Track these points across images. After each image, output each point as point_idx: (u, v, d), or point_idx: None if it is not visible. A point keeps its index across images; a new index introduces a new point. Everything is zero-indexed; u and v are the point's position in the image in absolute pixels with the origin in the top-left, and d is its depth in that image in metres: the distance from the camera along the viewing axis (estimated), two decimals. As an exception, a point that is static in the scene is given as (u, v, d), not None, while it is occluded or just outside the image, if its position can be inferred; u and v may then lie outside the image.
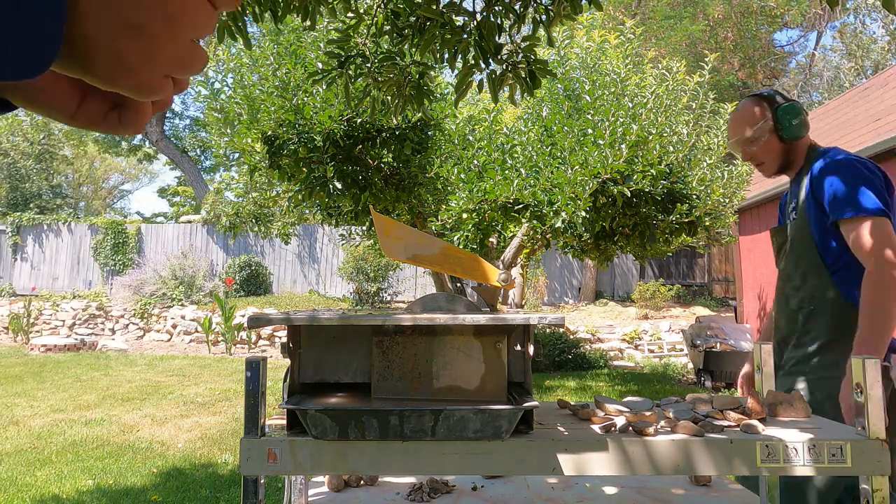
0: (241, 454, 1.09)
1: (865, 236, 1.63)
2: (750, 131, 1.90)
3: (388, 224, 1.44)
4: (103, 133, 0.42)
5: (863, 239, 1.63)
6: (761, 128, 1.89)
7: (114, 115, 0.39)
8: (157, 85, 0.36)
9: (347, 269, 13.63)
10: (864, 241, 1.63)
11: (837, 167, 1.74)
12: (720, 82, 16.74)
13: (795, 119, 1.87)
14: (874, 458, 1.08)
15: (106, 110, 0.39)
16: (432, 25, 2.21)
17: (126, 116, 0.39)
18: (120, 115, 0.39)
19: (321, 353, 1.26)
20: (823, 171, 1.77)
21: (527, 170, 5.45)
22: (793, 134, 1.87)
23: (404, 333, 1.21)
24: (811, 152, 1.90)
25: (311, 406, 1.12)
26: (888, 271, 1.58)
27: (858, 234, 1.65)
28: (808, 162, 1.88)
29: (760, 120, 1.90)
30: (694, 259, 15.33)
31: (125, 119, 0.39)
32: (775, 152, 1.91)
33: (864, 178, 1.70)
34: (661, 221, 5.89)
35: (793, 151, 1.91)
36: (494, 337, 1.20)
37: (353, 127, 4.90)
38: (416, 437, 1.10)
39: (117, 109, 0.39)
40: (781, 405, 1.31)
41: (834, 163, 1.76)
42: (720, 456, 1.09)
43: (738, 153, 1.97)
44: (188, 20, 0.35)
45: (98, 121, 0.39)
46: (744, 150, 1.93)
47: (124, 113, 0.39)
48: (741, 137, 1.92)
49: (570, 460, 1.10)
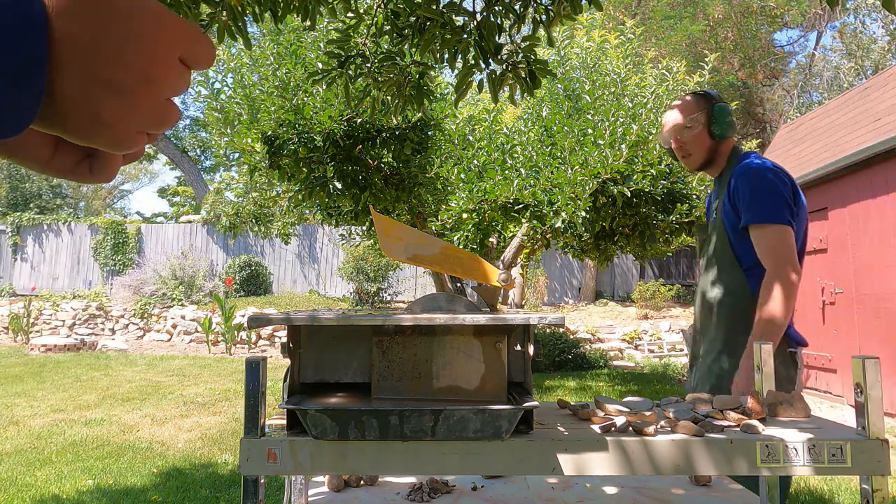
0: (241, 454, 1.09)
1: (768, 243, 1.81)
2: (685, 120, 1.99)
3: (388, 224, 1.44)
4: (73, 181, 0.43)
5: (765, 245, 1.81)
6: (696, 119, 1.98)
7: (84, 164, 0.40)
8: (131, 140, 0.38)
9: (347, 269, 13.63)
10: (767, 248, 1.81)
11: (752, 174, 1.87)
12: (720, 82, 16.74)
13: (728, 118, 1.98)
14: (874, 458, 1.08)
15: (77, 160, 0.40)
16: (432, 25, 2.21)
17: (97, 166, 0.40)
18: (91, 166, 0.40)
19: (321, 353, 1.26)
20: (740, 176, 1.89)
21: (527, 170, 5.45)
22: (723, 132, 1.97)
23: (404, 333, 1.21)
24: (733, 155, 2.01)
25: (311, 406, 1.12)
26: (783, 277, 1.76)
27: (763, 240, 1.82)
28: (730, 164, 2.00)
29: (696, 112, 1.99)
30: (694, 259, 15.32)
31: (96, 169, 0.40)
32: (704, 147, 2.00)
33: (773, 187, 1.85)
34: (661, 221, 5.89)
35: (718, 150, 2.02)
36: (494, 337, 1.20)
37: (353, 127, 4.90)
38: (416, 437, 1.10)
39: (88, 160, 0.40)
40: (781, 405, 1.31)
41: (750, 170, 1.88)
42: (720, 456, 1.09)
43: (667, 143, 2.06)
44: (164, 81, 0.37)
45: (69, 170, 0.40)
46: (675, 138, 2.01)
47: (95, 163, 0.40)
48: (677, 124, 2.00)
49: (570, 460, 1.10)
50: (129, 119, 0.36)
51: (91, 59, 0.34)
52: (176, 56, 0.37)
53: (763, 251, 1.82)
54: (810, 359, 7.50)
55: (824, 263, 7.24)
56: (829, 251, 7.13)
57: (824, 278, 7.22)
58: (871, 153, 6.26)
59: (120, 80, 0.35)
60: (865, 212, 6.50)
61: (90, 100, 0.34)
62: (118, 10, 0.34)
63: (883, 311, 6.21)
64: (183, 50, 0.38)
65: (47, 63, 0.32)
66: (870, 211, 6.43)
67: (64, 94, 0.34)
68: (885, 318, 6.19)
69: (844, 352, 6.82)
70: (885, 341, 6.17)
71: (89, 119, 0.35)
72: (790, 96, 20.23)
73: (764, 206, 1.83)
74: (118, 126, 0.36)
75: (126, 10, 0.35)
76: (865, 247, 6.49)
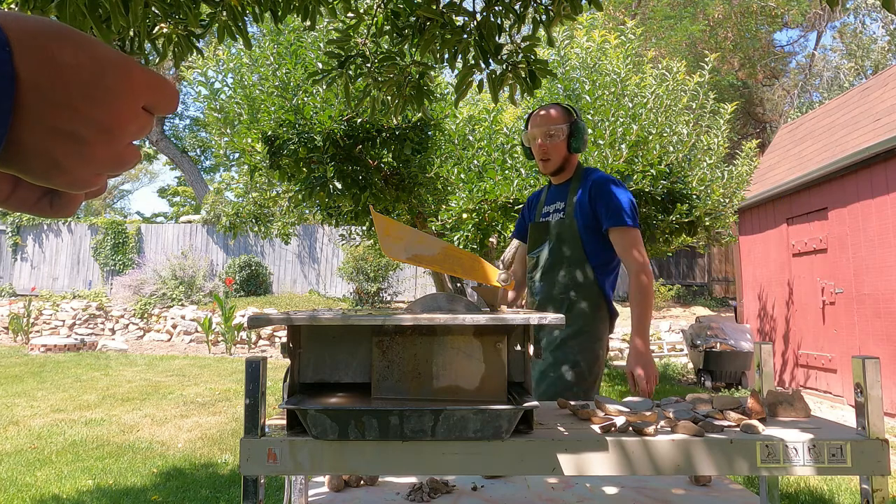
0: (241, 454, 1.09)
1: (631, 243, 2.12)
2: (552, 128, 2.21)
3: (388, 224, 1.44)
4: (34, 215, 0.44)
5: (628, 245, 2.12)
6: (562, 129, 2.22)
7: (45, 200, 0.41)
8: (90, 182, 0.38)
9: (347, 269, 13.62)
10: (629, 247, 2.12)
11: (613, 184, 2.17)
12: (720, 82, 16.74)
13: (584, 135, 2.26)
14: (874, 458, 1.08)
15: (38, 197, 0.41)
16: (432, 25, 2.21)
17: (57, 202, 0.41)
18: (52, 201, 0.41)
19: (321, 353, 1.26)
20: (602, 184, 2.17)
21: (527, 170, 5.45)
22: (579, 146, 2.24)
23: (404, 333, 1.21)
24: (579, 167, 2.31)
25: (311, 406, 1.12)
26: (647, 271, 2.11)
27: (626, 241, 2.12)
28: (578, 174, 2.28)
29: (563, 123, 2.23)
30: (694, 259, 15.33)
31: (57, 205, 0.41)
32: (561, 155, 2.24)
33: (629, 196, 2.18)
34: (661, 221, 5.89)
35: (570, 160, 2.28)
36: (494, 337, 1.20)
37: (353, 127, 4.90)
38: (416, 437, 1.10)
39: (49, 196, 0.41)
40: (781, 405, 1.31)
41: (609, 180, 2.19)
42: (720, 456, 1.09)
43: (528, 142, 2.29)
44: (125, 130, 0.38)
45: (31, 205, 0.41)
46: (542, 141, 2.22)
47: (56, 199, 0.41)
48: (547, 128, 2.21)
49: (570, 460, 1.10)
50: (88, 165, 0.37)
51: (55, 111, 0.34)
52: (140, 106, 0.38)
53: (625, 250, 2.12)
54: (810, 359, 7.50)
55: (824, 263, 7.24)
56: (829, 251, 7.13)
57: (824, 278, 7.22)
58: (871, 153, 6.26)
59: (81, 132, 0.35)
60: (865, 212, 6.50)
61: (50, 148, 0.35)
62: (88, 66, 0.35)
63: (883, 311, 6.21)
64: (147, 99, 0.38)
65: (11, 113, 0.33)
66: (870, 211, 6.43)
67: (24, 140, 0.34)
68: (885, 318, 6.18)
69: (844, 352, 6.81)
70: (885, 341, 6.17)
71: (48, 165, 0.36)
72: (790, 96, 20.23)
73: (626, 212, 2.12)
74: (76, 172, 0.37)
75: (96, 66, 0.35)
76: (865, 247, 6.49)
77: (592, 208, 2.16)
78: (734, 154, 7.45)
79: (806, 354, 7.61)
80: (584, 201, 2.18)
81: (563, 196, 2.27)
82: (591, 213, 2.16)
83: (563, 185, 2.30)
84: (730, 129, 6.81)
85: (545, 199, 2.39)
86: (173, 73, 19.24)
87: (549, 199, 2.35)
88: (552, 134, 2.21)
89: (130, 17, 1.75)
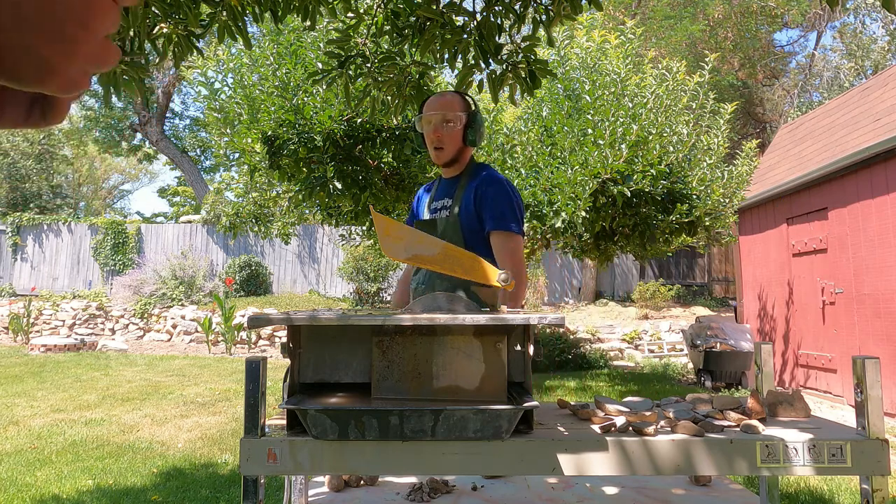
0: (241, 454, 1.09)
1: (511, 249, 1.98)
2: (452, 116, 2.06)
3: (388, 224, 1.44)
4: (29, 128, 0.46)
5: (508, 251, 1.97)
6: (460, 117, 2.07)
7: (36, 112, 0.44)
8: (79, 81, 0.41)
9: (347, 269, 13.63)
10: (509, 253, 1.97)
11: (502, 186, 2.03)
12: (720, 82, 16.74)
13: (481, 129, 2.11)
14: (874, 458, 1.08)
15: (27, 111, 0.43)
16: (432, 25, 2.21)
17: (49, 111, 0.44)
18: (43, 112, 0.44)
19: (321, 353, 1.26)
20: (490, 185, 2.03)
21: (527, 170, 5.45)
22: (474, 139, 2.08)
23: (404, 333, 1.21)
24: (472, 162, 2.15)
25: (311, 406, 1.12)
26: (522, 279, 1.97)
27: (507, 246, 1.98)
28: (469, 169, 2.13)
29: (462, 112, 2.08)
30: (694, 259, 15.33)
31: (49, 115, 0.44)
32: (456, 146, 2.09)
33: (517, 200, 2.05)
34: (661, 221, 5.89)
35: (463, 154, 2.13)
36: (494, 337, 1.20)
37: (353, 127, 4.90)
38: (416, 437, 1.10)
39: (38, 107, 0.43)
40: (781, 405, 1.31)
41: (498, 181, 2.05)
42: (720, 456, 1.09)
43: (428, 125, 2.09)
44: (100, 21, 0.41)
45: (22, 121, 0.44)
46: (438, 128, 2.06)
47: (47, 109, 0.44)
48: (444, 114, 2.06)
49: (570, 460, 1.10)
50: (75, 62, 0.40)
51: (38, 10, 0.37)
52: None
53: (505, 255, 1.96)
54: (810, 359, 7.50)
55: (824, 263, 7.24)
56: (829, 251, 7.13)
57: (824, 278, 7.22)
58: (871, 153, 6.26)
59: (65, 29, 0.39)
60: (865, 212, 6.50)
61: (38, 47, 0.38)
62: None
63: (883, 311, 6.21)
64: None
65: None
66: (870, 211, 6.43)
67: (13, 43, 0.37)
68: (885, 318, 6.19)
69: (844, 352, 6.81)
70: (885, 341, 6.17)
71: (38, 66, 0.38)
72: (790, 96, 20.23)
73: (510, 216, 2.00)
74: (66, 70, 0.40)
75: None
76: (865, 247, 6.49)
77: (477, 208, 2.02)
78: (734, 154, 7.45)
79: (806, 354, 7.61)
80: (470, 200, 2.03)
81: (452, 192, 2.12)
82: (475, 213, 2.02)
83: (453, 180, 2.15)
84: (730, 129, 6.81)
85: (435, 193, 2.22)
86: (173, 73, 19.24)
87: (439, 194, 2.19)
88: (449, 120, 2.06)
89: (130, 17, 1.75)
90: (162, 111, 19.93)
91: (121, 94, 2.11)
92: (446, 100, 2.10)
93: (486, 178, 2.06)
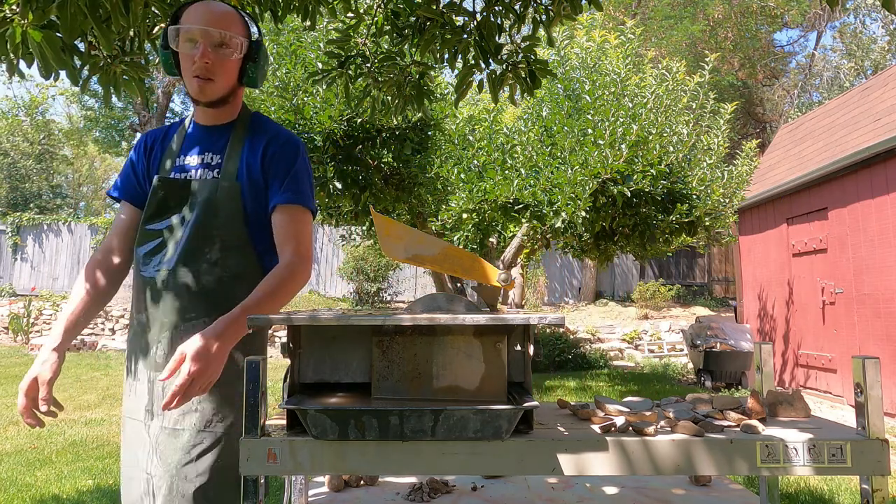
0: (241, 454, 1.09)
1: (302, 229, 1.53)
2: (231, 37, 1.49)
3: (388, 224, 1.44)
4: None
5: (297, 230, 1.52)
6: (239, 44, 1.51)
7: None
8: None
9: (347, 269, 13.62)
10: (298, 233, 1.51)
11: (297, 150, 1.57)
12: (720, 82, 16.74)
13: (265, 68, 1.61)
14: (874, 458, 1.08)
15: None
16: (432, 25, 2.21)
17: None
18: None
19: (321, 353, 1.26)
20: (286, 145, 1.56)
21: (527, 170, 5.45)
22: (255, 78, 1.56)
23: (404, 333, 1.21)
24: (245, 110, 1.62)
25: (311, 406, 1.12)
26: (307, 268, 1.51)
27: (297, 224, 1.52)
28: (246, 119, 1.60)
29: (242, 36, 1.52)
30: (694, 259, 15.33)
31: None
32: (229, 81, 1.53)
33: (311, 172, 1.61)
34: (661, 221, 5.89)
35: (237, 96, 1.59)
36: (494, 337, 1.20)
37: (353, 127, 4.90)
38: (416, 437, 1.10)
39: None
40: (781, 405, 1.31)
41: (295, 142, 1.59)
42: (720, 456, 1.09)
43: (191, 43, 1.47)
44: None
45: None
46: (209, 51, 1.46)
47: None
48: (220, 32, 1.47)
49: (570, 460, 1.10)
50: None
51: None
52: None
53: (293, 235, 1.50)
54: (810, 359, 7.51)
55: (824, 263, 7.24)
56: (829, 251, 7.13)
57: (824, 278, 7.22)
58: (871, 153, 6.26)
59: None
60: (865, 212, 6.50)
61: None
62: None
63: (883, 311, 6.21)
64: None
65: None
66: (870, 211, 6.43)
67: None
68: (885, 318, 6.19)
69: (844, 352, 6.81)
70: (885, 341, 6.17)
71: None
72: (790, 96, 20.23)
73: (309, 191, 1.57)
74: None
75: None
76: (865, 247, 6.49)
77: (266, 173, 1.53)
78: (734, 154, 7.45)
79: (806, 354, 7.61)
80: (256, 163, 1.53)
81: (220, 145, 1.56)
82: (262, 179, 1.53)
83: (219, 130, 1.58)
84: (730, 129, 6.81)
85: (182, 143, 1.60)
86: (173, 73, 19.24)
87: (191, 144, 1.59)
88: (226, 44, 1.49)
89: (130, 17, 1.75)
90: (162, 111, 19.92)
91: (121, 94, 2.11)
92: (221, 13, 1.49)
93: (280, 136, 1.57)
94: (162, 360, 1.45)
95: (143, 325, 1.50)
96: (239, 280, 1.50)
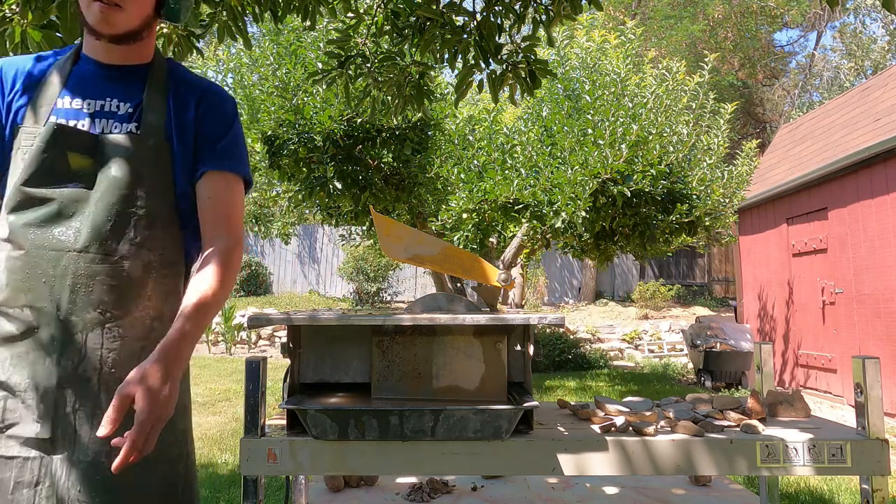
0: (241, 454, 1.09)
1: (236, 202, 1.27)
2: None
3: (388, 224, 1.44)
4: None
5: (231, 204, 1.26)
6: None
7: None
8: None
9: (347, 269, 13.63)
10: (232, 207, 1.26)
11: (233, 106, 1.33)
12: (720, 82, 16.74)
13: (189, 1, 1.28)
14: (874, 458, 1.08)
15: None
16: (432, 25, 2.21)
17: None
18: None
19: (321, 353, 1.26)
20: (223, 103, 1.30)
21: (527, 170, 5.45)
22: (177, 10, 1.25)
23: (404, 333, 1.21)
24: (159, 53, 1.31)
25: (311, 406, 1.12)
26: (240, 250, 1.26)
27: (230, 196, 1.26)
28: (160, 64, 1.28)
29: None
30: (694, 259, 15.33)
31: None
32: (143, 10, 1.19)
33: (243, 135, 1.36)
34: (661, 221, 5.89)
35: (151, 31, 1.25)
36: (494, 337, 1.20)
37: (353, 127, 4.90)
38: (416, 437, 1.10)
39: None
40: (781, 405, 1.31)
41: (229, 98, 1.33)
42: (720, 456, 1.09)
43: None
44: None
45: None
46: None
47: None
48: None
49: (570, 460, 1.10)
50: None
51: None
52: None
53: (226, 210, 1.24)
54: (810, 359, 7.51)
55: (824, 263, 7.24)
56: (829, 251, 7.13)
57: (824, 278, 7.22)
58: (871, 153, 6.26)
59: None
60: (865, 212, 6.50)
61: None
62: None
63: (883, 311, 6.21)
64: None
65: None
66: (870, 211, 6.44)
67: None
68: (885, 318, 6.19)
69: (844, 352, 6.81)
70: (885, 341, 6.17)
71: None
72: (790, 96, 20.24)
73: (242, 153, 1.31)
74: None
75: None
76: (865, 247, 6.49)
77: (198, 132, 1.25)
78: (734, 154, 7.45)
79: (806, 354, 7.61)
80: (189, 119, 1.24)
81: (133, 92, 1.22)
82: (192, 139, 1.25)
83: (128, 71, 1.23)
84: (730, 129, 6.81)
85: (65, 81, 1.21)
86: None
87: (82, 84, 1.21)
88: None
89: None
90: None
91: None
92: None
93: (213, 91, 1.30)
94: (71, 372, 1.11)
95: (27, 323, 1.12)
96: (171, 267, 1.23)
